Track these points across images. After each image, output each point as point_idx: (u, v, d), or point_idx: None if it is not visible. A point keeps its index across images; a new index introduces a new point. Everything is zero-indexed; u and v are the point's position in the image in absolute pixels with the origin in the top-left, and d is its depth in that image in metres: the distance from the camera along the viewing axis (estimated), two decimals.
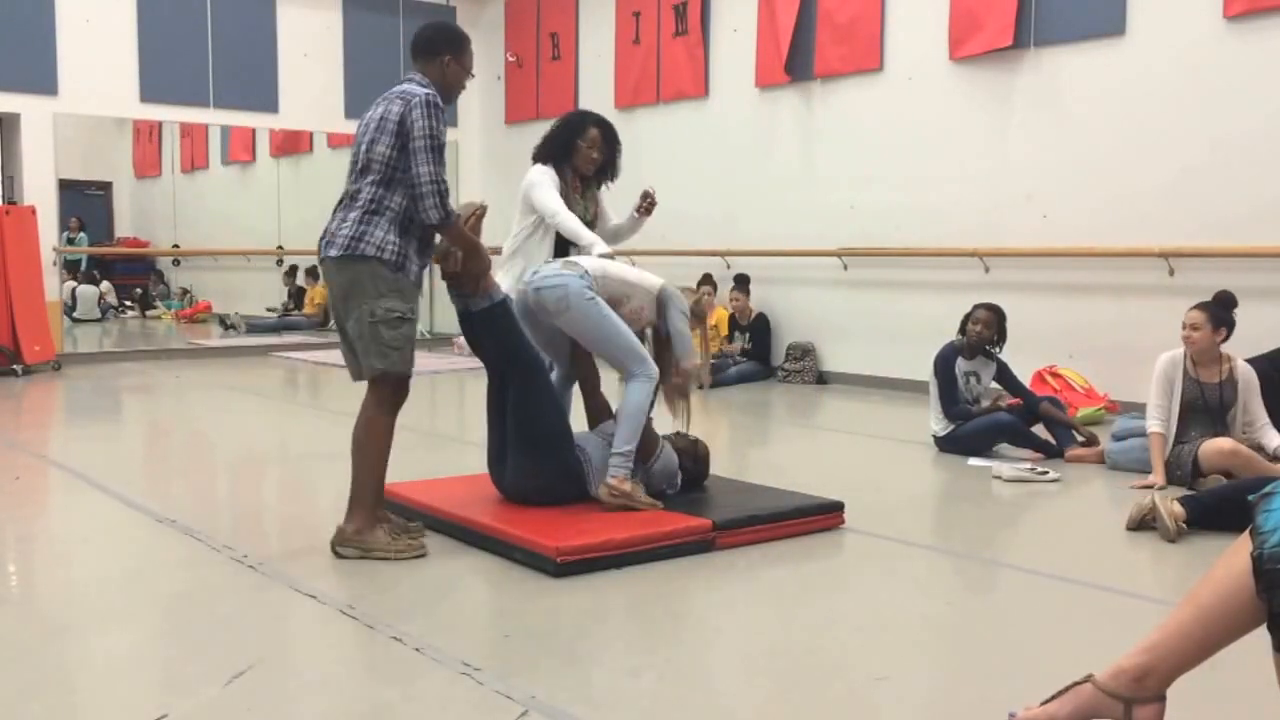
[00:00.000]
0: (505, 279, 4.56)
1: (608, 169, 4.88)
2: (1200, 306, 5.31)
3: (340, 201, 3.94)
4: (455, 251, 3.97)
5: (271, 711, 2.61)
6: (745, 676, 2.90)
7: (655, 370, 4.26)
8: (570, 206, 4.72)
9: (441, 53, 3.99)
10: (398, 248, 3.79)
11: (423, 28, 4.07)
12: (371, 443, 3.87)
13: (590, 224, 4.80)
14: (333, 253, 3.81)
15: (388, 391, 3.87)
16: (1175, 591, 3.83)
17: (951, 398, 6.08)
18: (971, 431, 6.02)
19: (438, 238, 3.96)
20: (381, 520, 3.94)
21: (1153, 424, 5.28)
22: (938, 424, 6.13)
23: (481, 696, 2.69)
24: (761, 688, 2.81)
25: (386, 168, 3.79)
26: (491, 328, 4.14)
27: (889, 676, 2.87)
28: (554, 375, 4.55)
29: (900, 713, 2.68)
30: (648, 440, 4.33)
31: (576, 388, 4.67)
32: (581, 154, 4.76)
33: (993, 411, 6.11)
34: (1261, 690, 2.84)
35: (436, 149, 3.75)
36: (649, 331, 4.51)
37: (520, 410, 4.17)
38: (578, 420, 4.53)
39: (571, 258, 4.44)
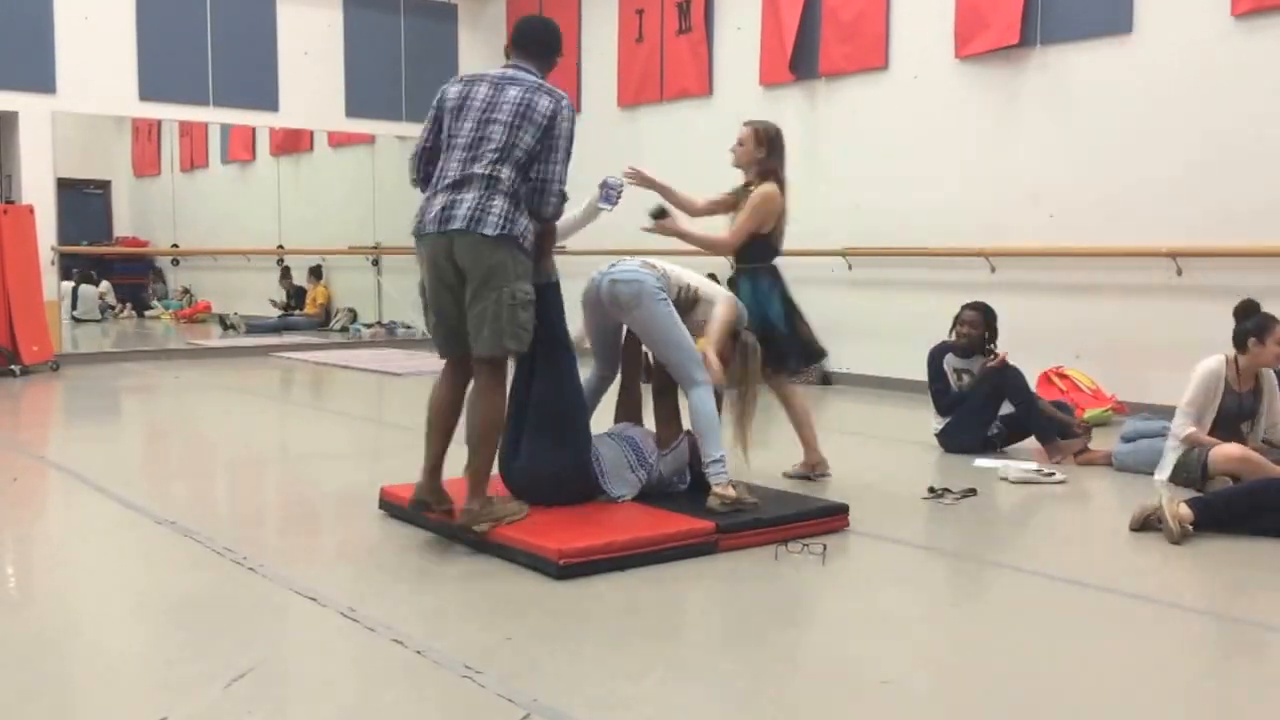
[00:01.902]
0: None
1: None
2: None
3: (464, 180, 3.87)
4: None
5: (272, 714, 2.58)
6: (748, 680, 2.87)
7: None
8: None
9: (556, 56, 4.14)
10: (531, 235, 3.94)
11: (539, 22, 4.20)
12: (495, 422, 3.97)
13: None
14: (488, 231, 3.79)
15: (502, 371, 3.99)
16: (1180, 594, 3.80)
17: (940, 392, 6.07)
18: (976, 404, 5.97)
19: None
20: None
21: (1186, 426, 5.09)
22: (937, 421, 6.11)
23: (483, 699, 2.66)
24: (765, 691, 2.77)
25: (527, 157, 3.89)
26: (540, 307, 4.12)
27: (894, 680, 2.84)
28: (589, 375, 4.61)
29: (905, 715, 2.65)
30: (670, 430, 4.39)
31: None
32: None
33: (984, 379, 6.01)
34: (1264, 691, 2.81)
35: (569, 153, 3.97)
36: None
37: (544, 394, 4.20)
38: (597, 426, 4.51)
39: (649, 258, 4.50)
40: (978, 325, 6.12)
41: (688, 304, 4.54)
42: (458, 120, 3.94)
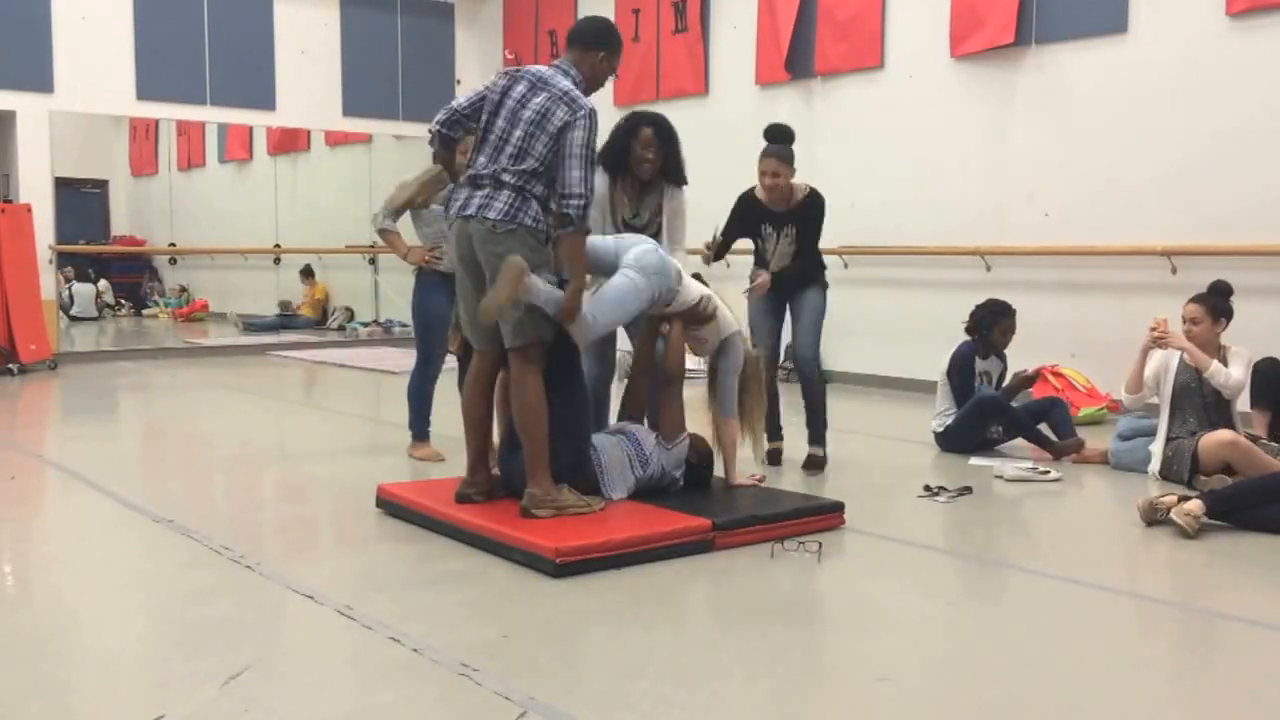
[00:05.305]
0: None
1: (668, 170, 4.79)
2: (1198, 299, 5.30)
3: (482, 177, 4.08)
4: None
5: (268, 712, 2.58)
6: (745, 677, 2.88)
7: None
8: (615, 210, 4.76)
9: (599, 49, 4.21)
10: (546, 224, 4.06)
11: (587, 19, 4.35)
12: (539, 405, 4.04)
13: (643, 227, 4.75)
14: (491, 215, 3.99)
15: (533, 357, 4.06)
16: (1176, 592, 3.81)
17: (968, 396, 6.06)
18: (960, 421, 6.00)
19: None
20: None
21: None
22: (938, 421, 6.12)
23: (480, 697, 2.67)
24: (761, 688, 2.79)
25: (540, 163, 4.01)
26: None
27: (889, 677, 2.85)
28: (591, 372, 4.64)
29: (900, 713, 2.66)
30: (673, 423, 4.42)
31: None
32: (635, 156, 4.70)
33: (1018, 388, 6.16)
34: (1259, 688, 2.82)
35: (589, 159, 4.01)
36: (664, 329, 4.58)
37: (551, 396, 4.16)
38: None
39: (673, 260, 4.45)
40: (1012, 331, 6.21)
41: (703, 317, 4.52)
42: (494, 115, 4.12)
